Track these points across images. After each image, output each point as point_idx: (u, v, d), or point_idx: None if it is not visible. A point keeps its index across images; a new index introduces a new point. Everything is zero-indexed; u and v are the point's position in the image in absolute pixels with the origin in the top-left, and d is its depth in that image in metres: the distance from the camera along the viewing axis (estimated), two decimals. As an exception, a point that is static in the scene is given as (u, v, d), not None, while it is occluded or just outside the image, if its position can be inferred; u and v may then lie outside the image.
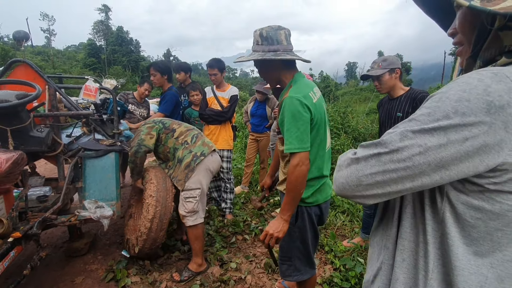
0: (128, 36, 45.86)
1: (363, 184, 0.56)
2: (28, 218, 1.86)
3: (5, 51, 21.35)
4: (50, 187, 2.19)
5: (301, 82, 1.39)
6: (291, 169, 1.29)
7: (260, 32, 1.36)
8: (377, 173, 0.54)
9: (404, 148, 0.51)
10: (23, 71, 2.27)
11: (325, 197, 1.49)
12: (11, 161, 1.61)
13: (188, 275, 2.19)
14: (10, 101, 1.83)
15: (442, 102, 0.50)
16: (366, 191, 0.56)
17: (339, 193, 0.61)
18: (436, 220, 0.55)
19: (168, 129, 2.36)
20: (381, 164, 0.53)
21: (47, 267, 2.32)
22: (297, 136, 1.27)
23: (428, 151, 0.49)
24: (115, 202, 2.15)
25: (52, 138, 2.13)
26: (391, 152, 0.52)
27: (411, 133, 0.51)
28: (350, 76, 73.82)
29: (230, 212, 3.29)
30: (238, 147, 6.53)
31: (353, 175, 0.57)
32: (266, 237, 1.34)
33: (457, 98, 0.48)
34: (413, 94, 2.05)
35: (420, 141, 0.50)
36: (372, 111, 10.77)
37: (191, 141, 2.31)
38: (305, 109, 1.28)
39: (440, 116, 0.49)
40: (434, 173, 0.50)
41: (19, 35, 3.09)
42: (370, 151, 0.56)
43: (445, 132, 0.48)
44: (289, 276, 1.56)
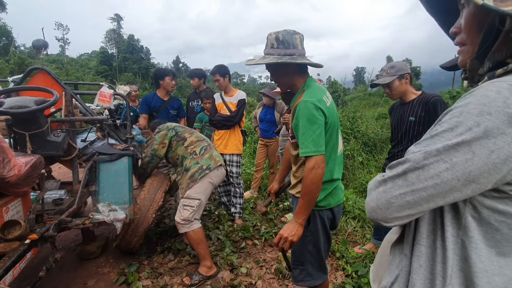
0: (139, 44, 46.92)
1: (394, 205, 0.55)
2: (44, 220, 1.90)
3: (21, 60, 22.13)
4: (65, 191, 2.25)
5: (313, 86, 1.40)
6: (307, 173, 1.29)
7: (276, 36, 1.36)
8: (406, 193, 0.53)
9: (430, 165, 0.51)
10: (42, 78, 2.35)
11: (337, 200, 1.49)
12: (29, 164, 1.66)
13: (199, 279, 2.19)
14: (29, 107, 1.90)
15: (463, 116, 0.50)
16: (397, 213, 0.55)
17: (371, 217, 0.61)
18: (456, 226, 0.55)
19: (179, 137, 2.43)
20: (409, 184, 0.53)
21: (61, 269, 2.36)
22: (313, 140, 1.28)
23: (455, 167, 0.49)
24: (128, 205, 2.18)
25: (67, 142, 2.19)
26: (417, 170, 0.52)
27: (435, 150, 0.51)
28: (359, 81, 73.36)
29: (240, 217, 3.28)
30: (247, 152, 6.55)
31: (382, 197, 0.57)
32: (281, 241, 1.34)
33: (478, 112, 0.48)
34: (425, 98, 2.03)
35: (446, 157, 0.50)
36: (381, 116, 10.65)
37: (199, 153, 2.36)
38: (320, 113, 1.30)
39: (463, 130, 0.49)
40: (465, 188, 0.50)
41: (39, 44, 3.22)
42: (395, 171, 0.56)
43: (469, 146, 0.48)
44: (301, 281, 1.55)
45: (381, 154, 5.38)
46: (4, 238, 1.57)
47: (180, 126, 2.59)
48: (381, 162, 4.98)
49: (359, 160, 5.06)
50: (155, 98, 3.44)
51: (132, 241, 2.34)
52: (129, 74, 35.83)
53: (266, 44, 1.41)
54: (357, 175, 4.63)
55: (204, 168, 2.29)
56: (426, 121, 1.99)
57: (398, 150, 2.19)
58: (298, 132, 1.32)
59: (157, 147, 2.35)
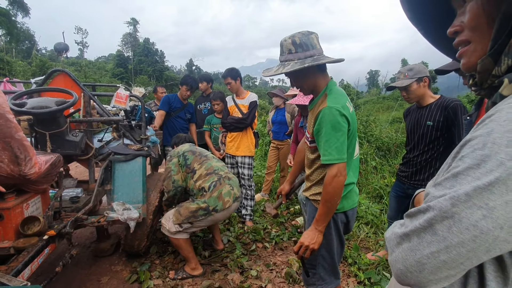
0: (154, 47, 48.03)
1: (427, 267, 0.45)
2: (62, 217, 1.97)
3: (43, 62, 23.04)
4: (81, 189, 2.31)
5: (336, 91, 1.38)
6: (329, 180, 1.28)
7: (292, 40, 1.31)
8: (440, 251, 0.43)
9: (461, 214, 0.41)
10: (62, 79, 2.44)
11: (351, 204, 1.47)
12: (49, 162, 1.72)
13: (182, 276, 2.27)
14: (50, 107, 1.97)
15: (489, 149, 0.42)
16: (434, 275, 0.45)
17: (401, 281, 0.50)
18: (501, 281, 0.46)
19: (189, 168, 2.32)
20: (440, 240, 0.43)
21: (76, 266, 2.42)
22: (337, 147, 1.27)
23: (493, 212, 0.40)
24: (141, 205, 2.22)
25: (85, 142, 2.26)
26: (446, 220, 0.43)
27: (464, 195, 0.42)
28: (372, 85, 72.25)
29: (251, 219, 3.28)
30: (258, 154, 6.55)
31: (410, 258, 0.46)
32: (301, 249, 1.34)
33: (507, 142, 0.40)
34: (444, 103, 1.95)
35: (480, 202, 0.40)
36: (395, 120, 10.44)
37: (208, 189, 2.20)
38: (344, 120, 1.28)
39: (493, 166, 0.40)
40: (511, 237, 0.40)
41: (60, 47, 3.36)
42: (418, 222, 0.46)
43: (506, 185, 0.39)
44: (313, 285, 1.53)
45: (395, 159, 5.26)
46: (23, 234, 1.63)
47: (189, 150, 2.42)
48: (395, 167, 4.87)
49: (373, 164, 4.97)
50: (176, 100, 3.61)
51: (134, 245, 2.36)
52: (144, 76, 36.66)
53: (282, 51, 1.36)
54: (370, 179, 4.54)
55: (211, 209, 2.15)
56: (445, 126, 1.92)
57: (414, 155, 2.12)
58: (321, 138, 1.30)
59: (177, 178, 2.28)
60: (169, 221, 2.21)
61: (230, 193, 2.24)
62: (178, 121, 3.55)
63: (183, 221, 2.15)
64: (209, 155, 2.49)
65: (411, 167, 2.13)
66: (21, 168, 1.53)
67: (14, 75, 18.52)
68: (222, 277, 2.30)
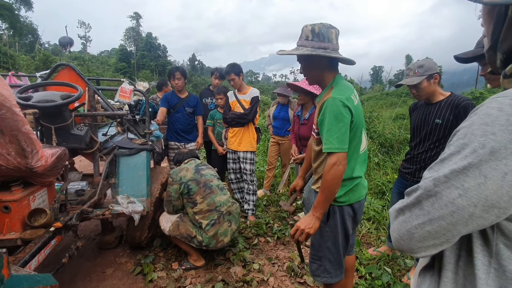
0: (157, 42, 47.90)
1: (415, 236, 0.53)
2: (68, 210, 2.00)
3: (46, 56, 23.08)
4: (86, 182, 2.34)
5: (342, 84, 1.40)
6: (328, 168, 1.31)
7: (312, 28, 1.35)
8: (424, 222, 0.51)
9: (442, 193, 0.49)
10: (67, 73, 2.46)
11: (358, 197, 1.49)
12: (55, 156, 1.74)
13: (186, 266, 2.33)
14: (56, 101, 1.99)
15: (467, 138, 0.48)
16: (421, 243, 0.53)
17: (397, 248, 0.59)
18: (487, 254, 0.52)
19: (190, 199, 2.27)
20: (425, 213, 0.51)
21: (81, 257, 2.47)
22: (338, 137, 1.29)
23: (468, 192, 0.46)
24: (145, 198, 2.25)
25: (90, 136, 2.27)
26: (430, 197, 0.50)
27: (443, 176, 0.49)
28: (376, 81, 71.69)
29: (253, 214, 3.31)
30: (260, 150, 6.56)
31: (402, 228, 0.55)
32: (297, 232, 1.37)
33: (481, 133, 0.47)
34: (455, 101, 1.89)
35: (456, 183, 0.47)
36: (399, 116, 10.37)
37: (205, 227, 2.22)
38: (347, 111, 1.31)
39: (468, 152, 0.47)
40: (486, 214, 0.46)
41: (64, 41, 3.36)
42: (411, 199, 0.55)
43: (479, 169, 0.46)
44: (318, 276, 1.57)
45: (398, 156, 5.26)
46: (30, 225, 1.66)
47: (194, 179, 2.30)
48: (397, 164, 4.86)
49: (375, 161, 4.97)
50: (173, 96, 3.53)
51: (135, 236, 2.40)
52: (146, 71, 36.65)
53: (301, 35, 1.40)
54: (373, 176, 4.55)
55: (203, 244, 2.22)
56: (454, 125, 1.86)
57: (418, 152, 2.10)
58: (323, 128, 1.33)
59: (176, 204, 2.33)
60: (167, 223, 2.29)
61: (227, 232, 2.29)
62: (177, 116, 3.50)
63: (176, 235, 2.26)
64: (213, 186, 2.35)
65: (415, 164, 2.12)
66: (28, 161, 1.55)
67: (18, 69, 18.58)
68: (225, 270, 2.33)
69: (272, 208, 3.61)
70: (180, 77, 3.44)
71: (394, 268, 2.33)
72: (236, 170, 3.39)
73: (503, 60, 0.55)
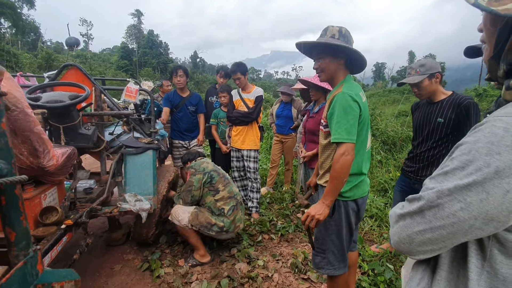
0: (158, 39, 47.84)
1: (416, 241, 0.56)
2: (77, 208, 2.04)
3: (48, 55, 23.17)
4: (94, 180, 2.38)
5: (351, 82, 1.51)
6: (337, 158, 1.38)
7: (339, 29, 1.47)
8: (426, 230, 0.54)
9: (444, 204, 0.52)
10: (74, 73, 2.49)
11: (361, 193, 1.55)
12: (65, 155, 1.79)
13: (192, 263, 2.38)
14: (64, 101, 2.03)
15: (472, 155, 0.50)
16: (420, 248, 0.57)
17: (397, 249, 0.62)
18: (481, 257, 0.55)
19: (212, 187, 2.45)
20: (427, 222, 0.54)
21: (89, 254, 2.52)
22: (346, 128, 1.37)
23: (470, 206, 0.49)
24: (152, 196, 2.29)
25: (97, 135, 2.32)
26: (432, 208, 0.53)
27: (447, 190, 0.51)
28: (378, 77, 71.27)
29: (257, 211, 3.35)
30: (262, 147, 6.60)
31: (403, 232, 0.58)
32: (308, 218, 1.43)
33: (487, 152, 0.48)
34: (457, 100, 1.91)
35: (459, 197, 0.50)
36: (401, 113, 10.36)
37: (227, 212, 2.40)
38: (356, 105, 1.40)
39: (473, 170, 0.49)
40: (485, 226, 0.49)
41: (71, 41, 3.39)
42: (412, 207, 0.57)
43: (482, 186, 0.48)
44: (322, 269, 1.62)
45: (400, 153, 5.27)
46: (42, 223, 1.71)
47: (215, 170, 2.54)
48: (400, 161, 4.88)
49: (378, 158, 4.99)
50: (175, 95, 3.56)
51: (143, 233, 2.46)
52: (148, 68, 36.64)
53: (324, 33, 1.49)
54: (375, 173, 4.57)
55: (224, 229, 2.36)
56: (456, 124, 1.89)
57: (420, 151, 2.12)
58: (333, 120, 1.41)
59: (196, 194, 2.43)
60: (185, 214, 2.34)
61: (241, 219, 2.52)
62: (180, 115, 3.54)
63: (196, 225, 2.32)
64: (228, 177, 2.63)
65: (418, 163, 2.14)
66: (40, 160, 1.59)
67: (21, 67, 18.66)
68: (230, 267, 2.38)
69: (276, 206, 3.65)
70: (182, 75, 3.48)
71: (397, 264, 2.36)
72: (239, 168, 3.43)
73: (506, 71, 0.56)
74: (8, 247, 0.95)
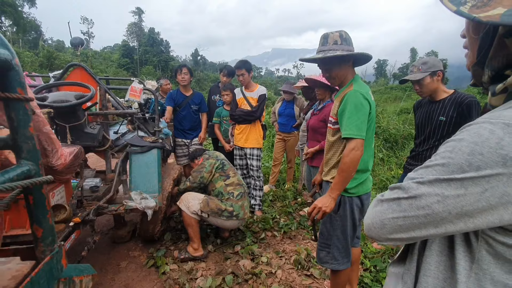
0: (159, 37, 47.76)
1: (387, 227, 0.57)
2: (84, 206, 2.08)
3: (49, 53, 23.21)
4: (100, 179, 2.42)
5: (361, 82, 1.57)
6: (347, 152, 1.43)
7: (340, 34, 1.51)
8: (398, 217, 0.55)
9: (422, 196, 0.53)
10: (79, 73, 2.52)
11: (365, 189, 1.60)
12: (73, 154, 1.82)
13: (185, 256, 2.43)
14: (70, 101, 2.06)
15: (455, 153, 0.51)
16: (390, 235, 0.58)
17: (367, 233, 0.63)
18: (469, 259, 0.55)
19: (224, 172, 2.59)
20: (401, 210, 0.55)
21: (95, 251, 2.56)
22: (357, 125, 1.42)
23: (446, 200, 0.50)
24: (157, 194, 2.33)
25: (102, 134, 2.35)
26: (409, 198, 0.54)
27: (427, 182, 0.53)
28: (380, 74, 70.97)
29: (260, 209, 3.38)
30: (265, 146, 6.62)
31: (377, 217, 0.59)
32: (314, 210, 1.47)
33: (469, 151, 0.49)
34: (459, 98, 1.94)
35: (437, 190, 0.51)
36: (403, 111, 10.34)
37: (236, 196, 2.50)
38: (366, 103, 1.46)
39: (455, 168, 0.50)
40: (457, 221, 0.50)
41: (76, 41, 3.41)
42: (392, 195, 0.58)
43: (461, 182, 0.49)
44: (326, 263, 1.67)
45: (402, 151, 5.28)
46: (51, 220, 1.74)
47: (226, 160, 2.72)
48: (402, 159, 4.90)
49: (380, 156, 5.00)
50: (178, 94, 3.59)
51: (148, 229, 2.50)
52: (149, 67, 36.62)
53: (326, 41, 1.52)
54: (377, 171, 4.59)
55: (234, 214, 2.44)
56: (458, 122, 1.92)
57: (423, 149, 2.15)
58: (344, 117, 1.46)
59: (206, 176, 2.54)
60: (196, 200, 2.40)
61: (248, 207, 2.59)
62: (183, 114, 3.56)
63: (207, 211, 2.37)
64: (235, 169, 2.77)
65: (421, 161, 2.17)
66: (49, 159, 1.63)
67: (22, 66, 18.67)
68: (234, 263, 2.42)
69: (278, 203, 3.69)
70: (187, 72, 3.52)
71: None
72: (242, 166, 3.46)
73: (491, 77, 0.56)
74: (35, 243, 1.00)
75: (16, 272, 0.94)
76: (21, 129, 0.90)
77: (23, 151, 0.91)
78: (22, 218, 1.65)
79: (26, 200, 0.95)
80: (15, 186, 0.80)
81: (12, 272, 0.94)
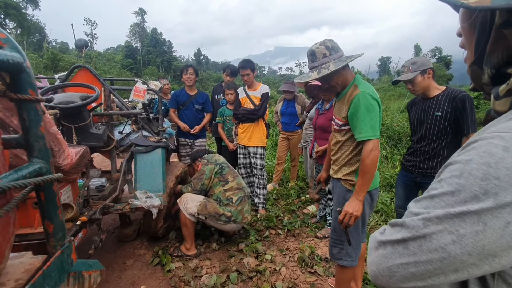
0: (162, 37, 47.94)
1: (397, 275, 0.47)
2: (90, 205, 2.12)
3: (54, 55, 23.41)
4: (106, 178, 2.46)
5: (363, 81, 1.58)
6: (366, 154, 1.46)
7: (325, 45, 1.51)
8: (409, 263, 0.45)
9: (432, 235, 0.43)
10: (83, 75, 2.56)
11: (374, 184, 1.63)
12: (79, 154, 1.85)
13: (177, 254, 2.50)
14: (76, 102, 2.09)
15: (465, 179, 0.42)
16: (403, 284, 0.47)
17: (374, 282, 0.52)
18: None
19: (222, 177, 2.58)
20: (410, 254, 0.45)
21: (102, 250, 2.60)
22: (371, 126, 1.45)
23: (463, 240, 0.41)
24: (161, 193, 2.36)
25: (107, 134, 2.38)
26: (417, 239, 0.45)
27: (435, 217, 0.43)
28: (383, 72, 70.49)
29: (263, 207, 3.40)
30: (268, 144, 6.63)
31: (382, 263, 0.49)
32: (346, 216, 1.49)
33: (482, 175, 0.40)
34: (452, 94, 2.01)
35: (450, 228, 0.42)
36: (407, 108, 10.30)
37: (235, 202, 2.49)
38: (375, 103, 1.49)
39: (468, 197, 0.41)
40: (480, 263, 0.41)
41: (80, 43, 3.43)
42: (394, 235, 0.49)
43: (478, 216, 0.40)
44: (340, 260, 1.68)
45: (406, 149, 5.26)
46: (59, 219, 1.78)
47: (225, 163, 2.70)
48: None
49: (383, 154, 4.99)
50: (182, 93, 3.63)
51: (152, 225, 2.54)
52: (152, 67, 36.78)
53: (314, 58, 1.52)
54: (381, 169, 4.58)
55: (232, 219, 2.44)
56: (453, 116, 1.98)
57: (420, 145, 2.16)
58: (356, 119, 1.49)
59: (206, 182, 2.55)
60: (194, 203, 2.42)
61: (248, 211, 2.58)
62: (186, 113, 3.60)
63: (204, 214, 2.39)
64: (236, 172, 2.76)
65: (419, 156, 2.18)
66: (56, 159, 1.65)
67: (28, 68, 18.83)
68: (238, 261, 2.44)
69: (282, 202, 3.70)
70: (192, 73, 3.58)
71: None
72: (246, 165, 3.48)
73: (491, 76, 0.49)
74: (46, 238, 1.04)
75: (29, 266, 0.98)
76: (33, 129, 0.92)
77: (35, 150, 0.94)
78: (30, 217, 1.68)
79: (38, 197, 0.99)
80: (28, 183, 0.83)
81: (25, 266, 0.98)
